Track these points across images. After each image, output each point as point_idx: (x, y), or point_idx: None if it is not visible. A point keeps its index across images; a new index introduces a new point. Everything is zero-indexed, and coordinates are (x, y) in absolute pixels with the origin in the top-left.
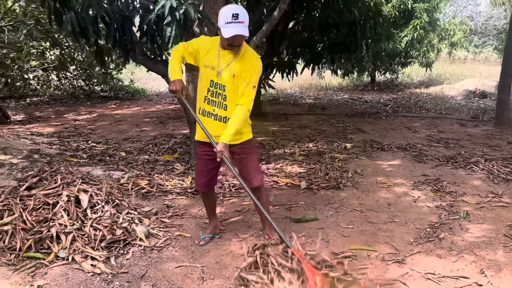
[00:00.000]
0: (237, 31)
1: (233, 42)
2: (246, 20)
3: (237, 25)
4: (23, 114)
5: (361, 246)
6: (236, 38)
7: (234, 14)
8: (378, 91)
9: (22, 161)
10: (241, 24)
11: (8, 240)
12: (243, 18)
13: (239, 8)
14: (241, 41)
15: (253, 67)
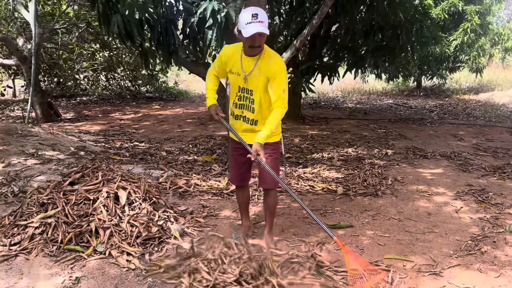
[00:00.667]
0: (257, 29)
1: (253, 41)
2: (266, 20)
3: (256, 24)
4: (73, 113)
5: (396, 255)
6: (256, 36)
7: (254, 14)
8: (424, 96)
9: (69, 158)
10: (261, 23)
11: (51, 232)
12: (263, 18)
13: (257, 9)
14: (262, 41)
15: (279, 71)
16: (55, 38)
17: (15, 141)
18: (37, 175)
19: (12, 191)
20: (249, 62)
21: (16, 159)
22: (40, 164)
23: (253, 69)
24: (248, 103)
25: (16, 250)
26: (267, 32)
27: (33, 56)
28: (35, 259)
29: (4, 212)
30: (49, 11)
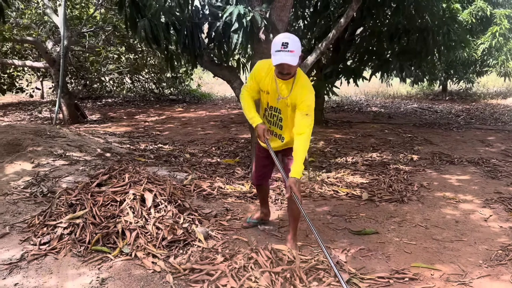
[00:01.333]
0: (282, 60)
1: (281, 69)
2: (296, 49)
3: (285, 53)
4: (99, 114)
5: (424, 264)
6: (283, 66)
7: (284, 42)
8: (450, 100)
9: (95, 159)
10: (290, 53)
11: (79, 233)
12: (293, 47)
13: (290, 37)
14: (289, 70)
15: (306, 96)
16: (82, 41)
17: (44, 142)
18: (65, 176)
19: (41, 191)
20: (285, 86)
21: (45, 160)
22: (68, 165)
23: (289, 94)
24: (276, 120)
25: (45, 249)
26: (294, 64)
27: (62, 58)
28: (63, 259)
29: (34, 212)
30: (76, 15)
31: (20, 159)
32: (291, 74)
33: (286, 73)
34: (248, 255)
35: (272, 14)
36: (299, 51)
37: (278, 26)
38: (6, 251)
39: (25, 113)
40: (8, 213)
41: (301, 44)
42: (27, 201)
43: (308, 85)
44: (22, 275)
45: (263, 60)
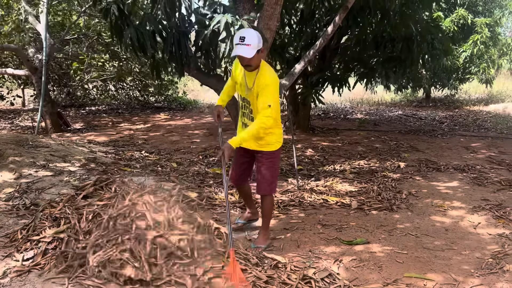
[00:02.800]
0: (238, 52)
1: (240, 61)
2: (253, 43)
3: (241, 46)
4: (82, 123)
5: (416, 274)
6: (241, 58)
7: (241, 37)
8: (433, 107)
9: (80, 169)
10: (246, 46)
11: (64, 248)
12: (249, 41)
13: (248, 31)
14: (249, 62)
15: (268, 88)
16: (65, 48)
17: (26, 152)
18: (49, 187)
19: (24, 203)
20: (250, 77)
21: (27, 171)
22: (51, 176)
23: (253, 85)
24: (247, 112)
25: (29, 265)
26: (249, 56)
27: (44, 66)
28: (48, 275)
29: (16, 225)
30: (59, 22)
31: (1, 170)
32: (252, 66)
33: (246, 65)
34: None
35: (260, 22)
36: (256, 44)
37: (266, 35)
38: None
39: (5, 122)
40: None
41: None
42: (9, 214)
43: (269, 76)
44: None
45: None
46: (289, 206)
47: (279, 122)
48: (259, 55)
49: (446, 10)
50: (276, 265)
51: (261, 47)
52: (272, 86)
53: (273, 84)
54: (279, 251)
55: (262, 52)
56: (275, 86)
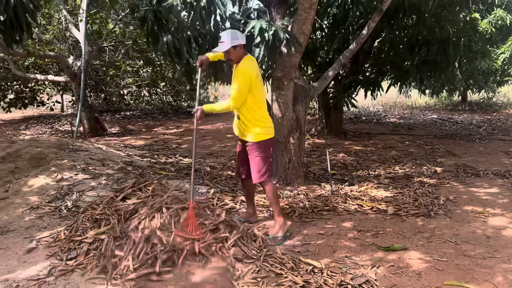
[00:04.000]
0: (215, 49)
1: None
2: (226, 40)
3: (219, 44)
4: (118, 127)
5: (457, 282)
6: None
7: (219, 36)
8: (470, 111)
9: (117, 172)
10: (221, 43)
11: (104, 248)
12: (224, 39)
13: (224, 32)
14: (227, 56)
15: (237, 76)
16: (102, 55)
17: (67, 156)
18: (89, 190)
19: (66, 205)
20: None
21: (68, 174)
22: (90, 179)
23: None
24: None
25: (72, 265)
26: (219, 50)
27: (83, 73)
28: (90, 275)
29: (59, 226)
30: (96, 30)
31: (44, 173)
32: (233, 59)
33: (228, 59)
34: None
35: (294, 27)
36: (230, 41)
37: (300, 39)
38: (34, 266)
39: (46, 126)
40: (34, 227)
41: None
42: (52, 215)
43: (241, 66)
44: None
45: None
46: (323, 211)
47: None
48: (236, 50)
49: (483, 11)
50: (312, 270)
51: (238, 43)
52: (241, 73)
53: (243, 72)
54: (314, 256)
55: (240, 48)
56: (244, 73)
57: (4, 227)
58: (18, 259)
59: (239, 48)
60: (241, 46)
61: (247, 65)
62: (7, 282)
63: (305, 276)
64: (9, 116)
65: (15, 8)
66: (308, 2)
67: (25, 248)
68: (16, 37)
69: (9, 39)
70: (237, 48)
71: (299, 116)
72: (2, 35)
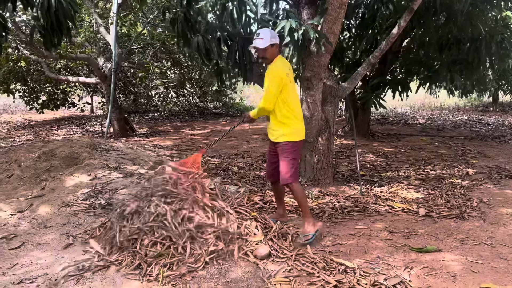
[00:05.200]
0: (253, 43)
1: (257, 55)
2: (265, 37)
3: (255, 40)
4: (146, 128)
5: (494, 285)
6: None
7: (257, 33)
8: (502, 112)
9: (149, 172)
10: (259, 39)
11: (138, 246)
12: (263, 36)
13: (263, 29)
14: (262, 54)
15: (267, 76)
16: (131, 57)
17: (99, 155)
18: (121, 188)
19: (99, 203)
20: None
21: (101, 172)
22: (123, 178)
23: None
24: None
25: (108, 261)
26: (261, 46)
27: (113, 74)
28: (125, 271)
29: (94, 223)
30: (125, 32)
31: (78, 172)
32: (267, 58)
33: (262, 57)
34: None
35: (324, 27)
36: (269, 39)
37: (330, 39)
38: (71, 261)
39: (76, 127)
40: (70, 224)
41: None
42: (87, 213)
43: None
44: (88, 285)
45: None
46: (353, 212)
47: (291, 114)
48: (272, 49)
49: None
50: (344, 270)
51: (275, 43)
52: (271, 74)
53: (273, 72)
54: (345, 256)
55: (276, 47)
56: (275, 73)
57: (42, 223)
58: (56, 255)
59: (275, 47)
60: (277, 45)
61: (278, 65)
62: (46, 276)
63: (337, 275)
64: (42, 117)
65: (56, 13)
66: (338, 2)
67: (63, 244)
68: (55, 41)
69: (49, 43)
70: (274, 46)
71: (328, 116)
72: (42, 39)
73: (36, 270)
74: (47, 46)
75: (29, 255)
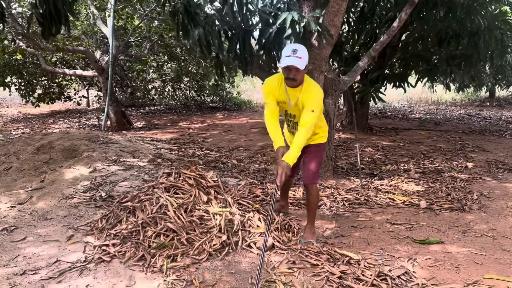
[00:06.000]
0: (291, 62)
1: (288, 73)
2: (304, 57)
3: (294, 58)
4: (143, 121)
5: (498, 276)
6: (290, 68)
7: (294, 49)
8: (498, 107)
9: (148, 165)
10: (298, 59)
11: (142, 237)
12: (301, 55)
13: (300, 46)
14: (296, 74)
15: (312, 96)
16: (129, 50)
17: (98, 148)
18: (121, 181)
19: (100, 195)
20: (294, 93)
21: (100, 165)
22: (122, 170)
23: (297, 100)
24: (293, 124)
25: (111, 253)
26: (301, 68)
27: (110, 67)
28: (129, 262)
29: (95, 215)
30: (122, 25)
31: (78, 164)
32: (297, 80)
33: (293, 78)
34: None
35: (325, 19)
36: (306, 59)
37: (331, 31)
38: (74, 253)
39: (73, 120)
40: (71, 216)
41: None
42: (87, 205)
43: (315, 89)
44: (92, 276)
45: (269, 77)
46: (355, 204)
47: (321, 123)
48: (304, 70)
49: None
50: (348, 261)
51: (307, 65)
52: (319, 97)
53: (319, 95)
54: (349, 248)
55: (306, 69)
56: (320, 97)
57: (42, 215)
58: (58, 246)
59: (306, 70)
60: (308, 66)
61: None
62: (49, 268)
63: (342, 267)
64: (37, 110)
65: (54, 1)
66: None
67: (65, 236)
68: (53, 30)
69: (47, 31)
70: (306, 69)
71: (329, 109)
72: (41, 28)
73: (39, 262)
74: (45, 35)
75: (30, 247)
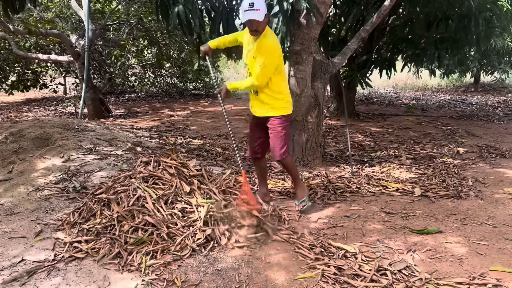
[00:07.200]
0: (250, 17)
1: (250, 27)
2: (261, 8)
3: (252, 12)
4: (123, 109)
5: (505, 268)
6: (251, 22)
7: (250, 3)
8: (483, 92)
9: (126, 153)
10: (256, 11)
11: (118, 232)
12: (258, 6)
13: None
14: (257, 26)
15: (262, 51)
16: (106, 34)
17: (72, 136)
18: (97, 171)
19: (73, 186)
20: (251, 40)
21: (75, 154)
22: (99, 160)
23: (251, 48)
24: (248, 76)
25: (83, 249)
26: (260, 19)
27: (86, 52)
28: (103, 260)
29: (67, 208)
30: (99, 9)
31: (50, 153)
32: (259, 30)
33: (255, 30)
34: None
35: None
36: (264, 9)
37: (321, 9)
38: (42, 250)
39: (49, 109)
40: (41, 209)
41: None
42: (59, 197)
43: (269, 40)
44: (61, 277)
45: None
46: (346, 193)
47: (283, 88)
48: (264, 20)
49: None
50: (344, 254)
51: (266, 13)
52: (269, 49)
53: (271, 47)
54: (343, 240)
55: (266, 17)
56: (273, 49)
57: (9, 209)
58: (25, 243)
59: (266, 18)
60: (268, 15)
61: (274, 40)
62: (13, 268)
63: (338, 261)
64: (11, 98)
65: None
66: None
67: (32, 232)
68: (17, 5)
69: (10, 7)
70: (266, 17)
71: (318, 93)
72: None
73: (2, 261)
74: (8, 12)
75: None
